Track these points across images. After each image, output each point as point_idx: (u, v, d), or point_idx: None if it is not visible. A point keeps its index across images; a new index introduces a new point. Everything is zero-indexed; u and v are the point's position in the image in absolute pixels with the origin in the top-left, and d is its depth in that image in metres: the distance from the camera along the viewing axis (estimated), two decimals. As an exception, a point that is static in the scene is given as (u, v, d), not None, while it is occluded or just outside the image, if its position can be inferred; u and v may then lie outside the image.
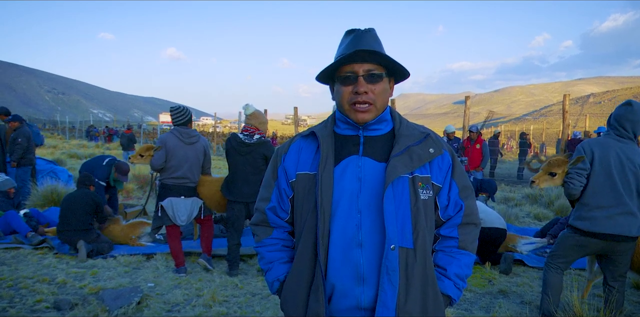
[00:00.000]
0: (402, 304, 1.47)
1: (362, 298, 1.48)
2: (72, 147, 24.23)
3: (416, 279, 1.50)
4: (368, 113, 1.53)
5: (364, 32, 1.54)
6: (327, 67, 1.55)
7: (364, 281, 1.48)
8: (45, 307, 3.87)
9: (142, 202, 7.92)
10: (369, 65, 1.51)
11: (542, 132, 34.87)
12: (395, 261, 1.45)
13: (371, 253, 1.47)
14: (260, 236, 1.72)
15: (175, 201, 4.82)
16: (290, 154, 1.65)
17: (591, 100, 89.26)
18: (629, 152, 3.26)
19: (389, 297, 1.45)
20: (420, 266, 1.51)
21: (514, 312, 3.86)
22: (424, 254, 1.53)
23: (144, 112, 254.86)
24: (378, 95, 1.53)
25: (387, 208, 1.45)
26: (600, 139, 3.34)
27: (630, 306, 4.11)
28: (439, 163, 1.59)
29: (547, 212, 8.59)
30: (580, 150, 3.32)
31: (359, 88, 1.50)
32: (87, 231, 5.46)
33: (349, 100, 1.54)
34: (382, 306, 1.45)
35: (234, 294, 4.30)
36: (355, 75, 1.51)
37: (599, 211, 3.22)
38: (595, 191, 3.24)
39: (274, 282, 1.67)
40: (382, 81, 1.54)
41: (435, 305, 1.53)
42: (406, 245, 1.49)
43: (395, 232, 1.46)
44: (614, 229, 3.19)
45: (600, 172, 3.24)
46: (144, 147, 5.01)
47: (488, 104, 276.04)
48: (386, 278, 1.45)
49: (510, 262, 5.04)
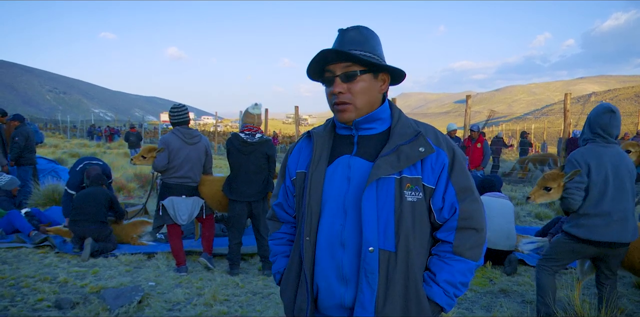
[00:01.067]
0: (381, 307, 1.44)
1: (345, 298, 1.49)
2: (73, 147, 24.25)
3: (397, 282, 1.45)
4: (347, 112, 1.51)
5: (345, 31, 1.52)
6: (306, 69, 1.55)
7: (347, 281, 1.48)
8: (47, 306, 3.87)
9: (142, 202, 7.93)
10: (344, 63, 1.49)
11: (544, 131, 34.80)
12: (374, 263, 1.43)
13: (352, 254, 1.47)
14: (271, 229, 1.79)
15: (177, 200, 4.82)
16: (294, 154, 1.70)
17: (592, 99, 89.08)
18: (620, 157, 3.29)
19: (367, 298, 1.44)
20: (401, 270, 1.46)
21: (515, 311, 3.86)
22: (407, 258, 1.47)
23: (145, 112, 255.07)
24: (356, 94, 1.50)
25: (366, 209, 1.43)
26: (591, 149, 3.30)
27: (631, 305, 4.11)
28: (432, 163, 1.50)
29: (548, 212, 8.57)
30: (575, 163, 3.28)
31: (334, 89, 1.50)
32: (102, 224, 5.48)
33: (330, 101, 1.54)
34: (360, 306, 1.45)
35: (235, 293, 4.30)
36: (332, 76, 1.51)
37: (597, 219, 3.21)
38: (593, 200, 3.23)
39: (276, 274, 1.74)
40: (359, 79, 1.49)
41: (418, 311, 1.47)
42: (388, 248, 1.45)
43: (373, 234, 1.43)
44: (611, 237, 3.19)
45: (597, 182, 3.22)
46: (147, 148, 5.00)
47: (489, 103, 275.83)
48: (364, 280, 1.44)
49: (515, 264, 5.03)
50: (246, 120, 4.88)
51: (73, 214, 5.44)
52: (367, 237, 1.42)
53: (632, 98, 75.63)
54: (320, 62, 1.51)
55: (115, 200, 5.75)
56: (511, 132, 38.38)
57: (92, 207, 5.43)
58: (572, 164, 3.31)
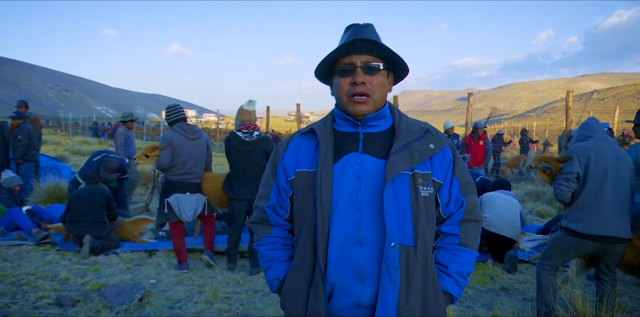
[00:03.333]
0: (403, 302, 1.46)
1: (363, 296, 1.47)
2: (75, 144, 24.27)
3: (417, 276, 1.49)
4: (366, 105, 1.52)
5: (363, 26, 1.54)
6: (326, 57, 1.54)
7: (364, 279, 1.47)
8: (48, 304, 3.88)
9: (144, 199, 7.93)
10: (367, 56, 1.51)
11: (546, 129, 34.73)
12: (396, 259, 1.44)
13: (371, 251, 1.46)
14: (260, 234, 1.70)
15: (181, 197, 4.82)
16: (290, 152, 1.64)
17: (595, 96, 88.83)
18: (620, 152, 3.34)
19: (390, 295, 1.44)
20: (420, 264, 1.49)
21: (515, 309, 3.85)
22: (425, 252, 1.51)
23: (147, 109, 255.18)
24: (376, 88, 1.52)
25: (387, 205, 1.44)
26: (592, 143, 3.35)
27: (632, 303, 4.10)
28: (439, 159, 1.57)
29: (550, 209, 8.57)
30: (574, 154, 3.32)
31: (357, 78, 1.50)
32: (101, 224, 5.44)
33: (347, 92, 1.53)
34: (383, 304, 1.44)
35: (236, 291, 4.30)
36: (353, 67, 1.51)
37: (595, 212, 3.21)
38: (592, 193, 3.24)
39: (274, 280, 1.66)
40: (379, 73, 1.53)
41: (436, 302, 1.52)
42: (407, 243, 1.48)
43: (395, 229, 1.44)
44: (611, 231, 3.19)
45: (596, 174, 3.24)
46: (150, 147, 4.97)
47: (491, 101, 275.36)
48: (387, 276, 1.43)
49: (515, 261, 5.03)
50: (242, 117, 4.87)
51: (70, 215, 5.40)
52: (390, 233, 1.43)
53: (634, 95, 75.39)
54: (339, 50, 1.51)
55: (111, 200, 5.64)
56: (513, 129, 38.28)
57: (89, 207, 5.38)
58: (571, 154, 3.35)
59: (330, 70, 1.59)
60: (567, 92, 9.18)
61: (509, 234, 5.20)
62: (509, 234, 5.19)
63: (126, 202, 7.16)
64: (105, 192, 5.68)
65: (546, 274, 3.50)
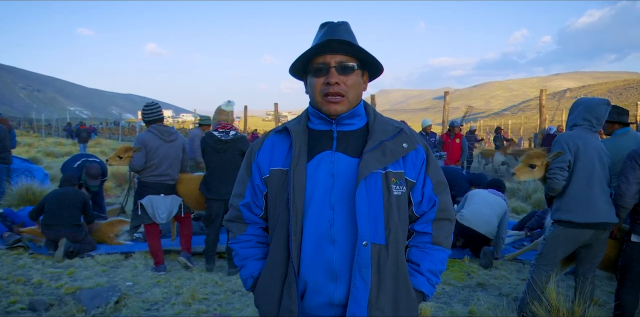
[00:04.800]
0: (374, 301, 1.47)
1: (335, 294, 1.48)
2: (48, 145, 23.78)
3: (388, 275, 1.49)
4: (340, 105, 1.52)
5: (337, 25, 1.54)
6: (300, 56, 1.53)
7: (337, 278, 1.47)
8: (20, 308, 3.79)
9: (120, 201, 7.81)
10: (340, 56, 1.51)
11: (520, 127, 35.36)
12: (368, 258, 1.45)
13: (344, 249, 1.47)
14: (235, 232, 1.70)
15: (155, 199, 4.76)
16: (264, 150, 1.63)
17: (568, 95, 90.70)
18: (600, 144, 3.43)
19: (361, 293, 1.45)
20: (392, 262, 1.50)
21: (491, 304, 3.90)
22: (397, 250, 1.52)
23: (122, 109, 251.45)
24: (350, 88, 1.53)
25: (360, 204, 1.45)
26: (578, 133, 3.40)
27: (604, 295, 4.20)
28: (412, 158, 1.57)
29: (525, 206, 8.72)
30: (563, 144, 3.34)
31: (331, 79, 1.49)
32: (77, 227, 5.32)
33: (320, 92, 1.53)
34: (354, 302, 1.45)
35: (214, 292, 4.27)
36: (327, 67, 1.51)
37: (588, 201, 3.26)
38: (583, 182, 3.29)
39: (248, 279, 1.65)
40: (354, 73, 1.53)
41: (408, 301, 1.53)
42: (378, 241, 1.49)
43: (367, 228, 1.45)
44: (604, 217, 3.25)
45: (585, 164, 3.30)
46: (123, 148, 4.88)
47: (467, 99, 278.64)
48: (358, 275, 1.44)
49: (490, 256, 5.09)
50: (219, 117, 4.85)
51: (45, 218, 5.27)
52: (362, 231, 1.44)
53: (605, 94, 77.26)
54: (313, 50, 1.51)
55: (88, 203, 5.51)
56: (489, 128, 38.86)
57: (65, 210, 5.25)
58: (560, 144, 3.37)
59: (304, 69, 1.59)
60: (540, 90, 9.36)
61: (482, 230, 5.21)
62: (481, 230, 5.21)
63: (104, 205, 7.05)
64: (82, 194, 5.55)
65: (544, 274, 3.48)
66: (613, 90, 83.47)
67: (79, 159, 6.57)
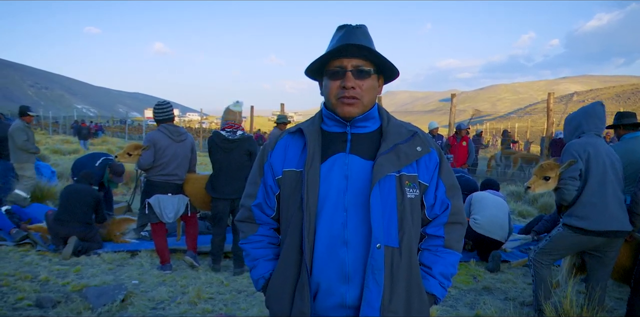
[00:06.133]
0: (387, 303, 1.47)
1: (347, 296, 1.48)
2: (55, 143, 23.87)
3: (401, 278, 1.50)
4: (354, 107, 1.52)
5: (355, 28, 1.53)
6: (316, 60, 1.54)
7: (349, 280, 1.47)
8: (27, 305, 3.81)
9: (127, 199, 7.83)
10: (357, 60, 1.51)
11: (527, 130, 35.19)
12: (381, 260, 1.45)
13: (357, 252, 1.47)
14: (246, 232, 1.70)
15: (163, 198, 4.77)
16: (277, 151, 1.63)
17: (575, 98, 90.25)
18: (610, 148, 3.42)
19: (374, 296, 1.45)
20: (405, 265, 1.51)
21: (497, 308, 3.89)
22: (410, 253, 1.52)
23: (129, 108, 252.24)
24: (365, 92, 1.53)
25: (374, 207, 1.45)
26: (587, 140, 3.38)
27: (612, 302, 4.17)
28: (426, 162, 1.58)
29: (531, 210, 8.68)
30: (574, 153, 3.32)
31: (347, 83, 1.50)
32: (87, 226, 5.35)
33: (336, 95, 1.53)
34: (367, 304, 1.45)
35: (220, 291, 4.28)
36: (343, 70, 1.51)
37: (601, 208, 3.24)
38: (596, 189, 3.27)
39: (259, 279, 1.66)
40: (370, 78, 1.53)
41: (420, 303, 1.54)
42: (392, 244, 1.49)
43: (381, 231, 1.46)
44: (617, 225, 3.23)
45: (597, 170, 3.28)
46: (132, 145, 4.91)
47: (474, 102, 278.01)
48: (371, 277, 1.44)
49: (498, 261, 5.07)
50: (227, 117, 4.86)
51: (58, 213, 5.29)
52: (376, 234, 1.44)
53: (613, 98, 76.83)
54: (330, 54, 1.51)
55: (101, 202, 5.54)
56: (495, 130, 38.73)
57: (79, 207, 5.27)
58: (570, 153, 3.35)
59: (320, 70, 1.59)
60: (548, 94, 9.32)
61: (497, 236, 5.20)
62: (497, 236, 5.20)
63: (112, 203, 7.09)
64: (96, 193, 5.57)
65: (545, 268, 3.51)
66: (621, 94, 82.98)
67: (98, 158, 6.59)
